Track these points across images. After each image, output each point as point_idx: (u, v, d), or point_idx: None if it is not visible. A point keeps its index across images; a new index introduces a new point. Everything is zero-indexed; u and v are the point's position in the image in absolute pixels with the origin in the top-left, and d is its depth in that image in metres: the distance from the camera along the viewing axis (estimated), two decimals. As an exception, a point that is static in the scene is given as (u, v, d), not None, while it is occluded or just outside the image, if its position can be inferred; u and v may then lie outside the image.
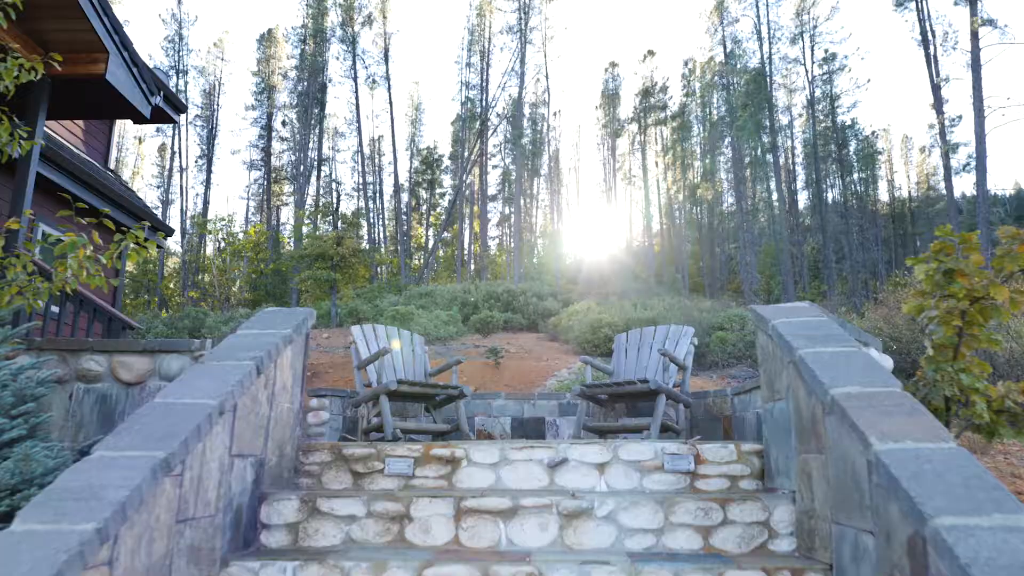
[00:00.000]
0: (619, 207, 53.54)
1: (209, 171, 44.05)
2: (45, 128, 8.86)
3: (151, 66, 11.71)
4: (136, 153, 48.93)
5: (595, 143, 55.64)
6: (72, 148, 9.23)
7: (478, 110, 45.69)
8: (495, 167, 50.27)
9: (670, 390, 4.82)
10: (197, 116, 45.07)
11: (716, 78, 46.00)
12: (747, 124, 37.39)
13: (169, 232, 10.48)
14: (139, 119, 6.89)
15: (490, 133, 45.97)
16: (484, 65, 46.11)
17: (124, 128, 47.88)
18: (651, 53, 51.07)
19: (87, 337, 5.67)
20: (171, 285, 41.02)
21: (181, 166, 42.82)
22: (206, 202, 43.48)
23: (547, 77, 47.00)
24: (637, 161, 52.10)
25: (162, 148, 46.12)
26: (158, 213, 46.08)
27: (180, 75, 42.90)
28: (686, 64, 49.34)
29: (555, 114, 51.93)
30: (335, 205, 36.06)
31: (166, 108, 10.63)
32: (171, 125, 42.62)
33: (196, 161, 44.81)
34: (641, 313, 19.52)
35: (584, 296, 31.89)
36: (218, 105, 45.46)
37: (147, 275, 39.48)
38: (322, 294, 28.08)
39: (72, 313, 5.76)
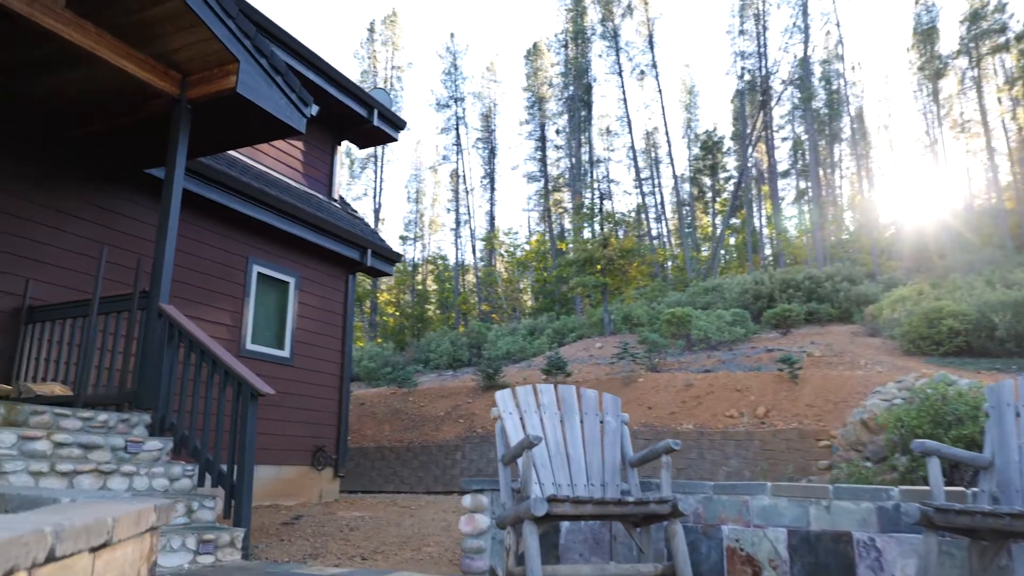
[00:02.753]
0: (949, 161, 43.85)
1: (492, 189, 46.10)
2: (259, 165, 8.56)
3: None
4: (434, 181, 53.26)
5: (910, 91, 46.33)
6: (289, 182, 8.86)
7: (757, 80, 40.94)
8: (784, 139, 44.70)
9: None
10: (478, 139, 47.50)
11: (1081, -27, 35.04)
12: None
13: (396, 259, 9.78)
14: (293, 134, 5.87)
15: (774, 103, 40.87)
16: (760, 28, 41.26)
17: (420, 161, 52.62)
18: (977, -34, 41.05)
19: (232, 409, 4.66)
20: (470, 300, 43.59)
21: (467, 188, 45.41)
22: (492, 218, 45.51)
23: (838, 26, 40.35)
24: (970, 103, 42.18)
25: (453, 174, 49.46)
26: (452, 234, 49.53)
27: (458, 103, 45.56)
28: (1032, -34, 38.56)
29: (853, 68, 44.43)
30: (599, 205, 34.83)
31: (383, 126, 9.99)
32: (455, 150, 45.45)
33: (481, 181, 47.26)
34: (1002, 295, 14.42)
35: (911, 275, 26.01)
36: (495, 125, 47.43)
37: (444, 293, 42.50)
38: (599, 299, 26.92)
39: (199, 372, 4.81)
